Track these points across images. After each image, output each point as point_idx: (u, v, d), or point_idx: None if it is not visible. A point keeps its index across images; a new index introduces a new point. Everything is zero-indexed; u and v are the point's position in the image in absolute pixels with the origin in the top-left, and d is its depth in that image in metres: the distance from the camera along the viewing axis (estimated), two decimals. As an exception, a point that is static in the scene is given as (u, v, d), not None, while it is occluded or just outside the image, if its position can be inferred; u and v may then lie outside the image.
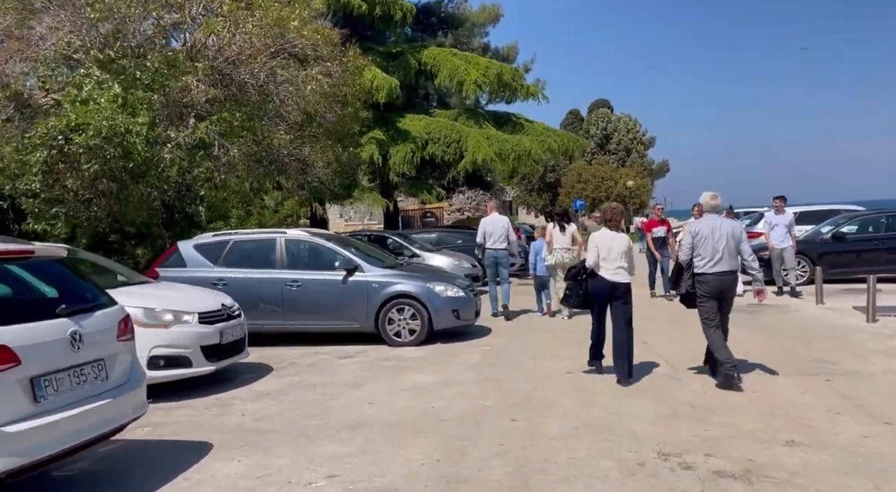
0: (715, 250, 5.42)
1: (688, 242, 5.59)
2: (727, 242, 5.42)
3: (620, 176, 43.82)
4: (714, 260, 5.42)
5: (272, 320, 8.02)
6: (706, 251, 5.43)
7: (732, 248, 5.46)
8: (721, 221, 5.59)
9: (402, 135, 17.26)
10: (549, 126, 18.21)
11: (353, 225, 45.94)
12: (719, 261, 5.42)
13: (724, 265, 5.43)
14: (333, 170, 10.84)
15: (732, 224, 5.64)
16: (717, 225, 5.49)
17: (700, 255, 5.48)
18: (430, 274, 8.62)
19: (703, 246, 5.46)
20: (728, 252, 5.43)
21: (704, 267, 5.46)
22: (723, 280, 5.46)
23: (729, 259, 5.45)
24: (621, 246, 5.74)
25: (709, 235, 5.45)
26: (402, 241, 13.63)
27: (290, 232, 8.39)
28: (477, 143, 16.21)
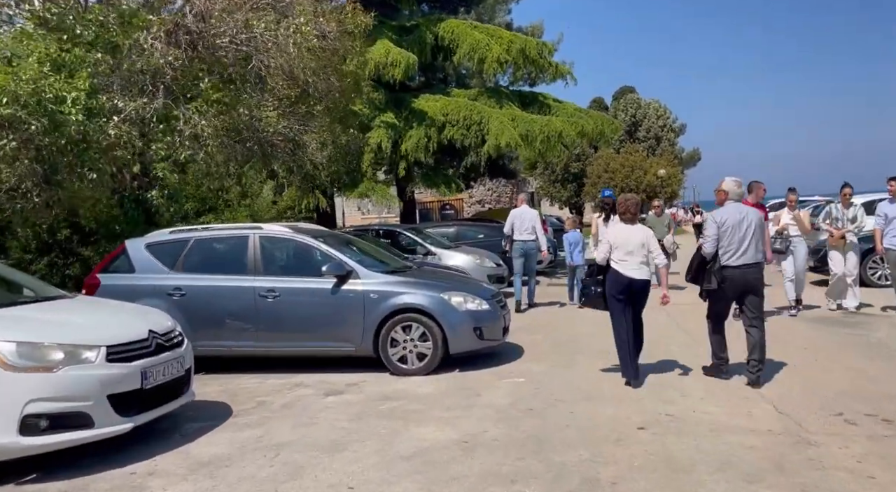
0: (742, 241, 5.12)
1: (713, 233, 5.19)
2: (754, 232, 5.13)
3: (650, 165, 41.48)
4: (739, 252, 5.13)
5: (242, 341, 6.26)
6: (732, 243, 5.13)
7: (759, 239, 5.20)
8: (747, 209, 5.26)
9: (417, 117, 15.37)
10: (581, 107, 16.16)
11: (369, 218, 44.38)
12: (745, 252, 5.12)
13: (748, 257, 5.13)
14: (329, 153, 9.00)
15: (758, 214, 5.32)
16: (745, 214, 5.18)
17: (724, 246, 5.16)
18: (446, 280, 6.76)
19: (728, 237, 5.14)
20: (755, 243, 5.14)
21: (730, 259, 5.14)
22: (748, 273, 5.16)
23: (755, 251, 5.16)
24: (639, 239, 5.35)
25: (735, 225, 5.12)
26: (415, 236, 11.80)
27: (266, 228, 6.60)
28: (500, 124, 14.26)
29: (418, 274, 6.83)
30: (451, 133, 15.15)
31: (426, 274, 6.96)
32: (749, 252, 5.13)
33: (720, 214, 5.26)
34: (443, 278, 6.91)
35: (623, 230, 5.43)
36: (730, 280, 5.15)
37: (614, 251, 5.35)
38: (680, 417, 4.57)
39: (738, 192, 5.35)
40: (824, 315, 8.49)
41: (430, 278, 6.68)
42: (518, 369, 6.24)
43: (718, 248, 5.19)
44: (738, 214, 5.18)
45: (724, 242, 5.16)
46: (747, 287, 5.19)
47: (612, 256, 5.36)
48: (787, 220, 8.26)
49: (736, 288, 5.19)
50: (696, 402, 4.90)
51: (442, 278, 6.90)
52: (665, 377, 5.70)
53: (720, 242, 5.18)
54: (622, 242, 5.35)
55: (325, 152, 8.95)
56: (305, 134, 8.92)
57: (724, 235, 5.15)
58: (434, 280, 6.61)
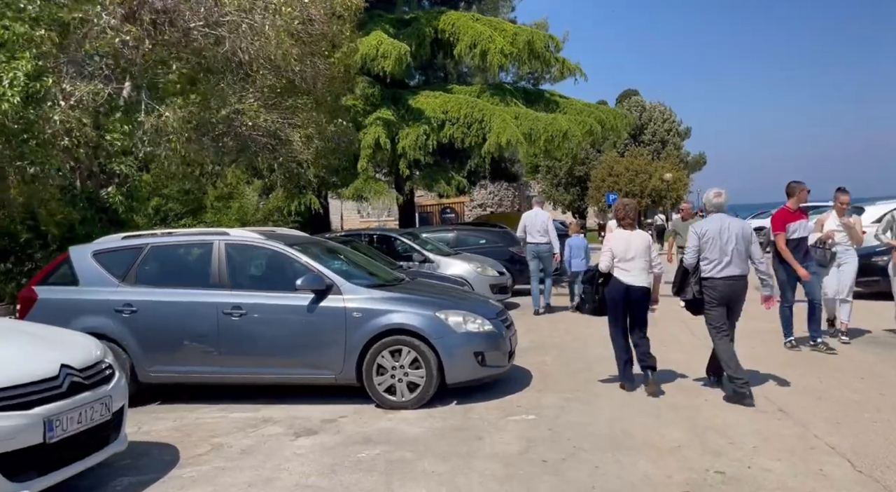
0: (723, 252, 5.03)
1: (693, 244, 5.13)
2: (736, 244, 5.04)
3: (655, 169, 40.56)
4: (723, 263, 5.03)
5: (203, 366, 5.33)
6: (713, 253, 5.05)
7: (742, 250, 5.06)
8: (730, 220, 5.14)
9: (415, 115, 14.50)
10: (590, 102, 15.27)
11: (368, 222, 43.49)
12: (728, 264, 5.03)
13: (733, 269, 5.04)
14: (316, 148, 8.08)
15: (742, 224, 5.18)
16: (726, 225, 5.08)
17: (707, 258, 5.08)
18: (444, 296, 5.83)
19: (710, 248, 5.06)
20: (737, 254, 5.03)
21: (712, 271, 5.06)
22: (732, 285, 5.05)
23: (738, 262, 5.06)
24: (640, 245, 5.30)
25: (716, 235, 5.04)
26: (411, 242, 10.87)
27: (234, 234, 5.66)
28: (502, 122, 13.37)
29: (411, 288, 5.89)
30: (450, 131, 14.28)
31: (420, 288, 6.02)
32: (733, 264, 5.03)
33: (701, 225, 5.19)
34: (440, 293, 5.98)
35: (623, 237, 5.34)
36: (713, 291, 5.06)
37: (615, 259, 5.29)
38: (733, 475, 3.63)
39: (716, 202, 5.21)
40: (875, 338, 7.52)
41: (424, 293, 5.75)
42: (527, 401, 5.30)
43: (700, 259, 5.11)
44: (719, 225, 5.06)
45: (706, 254, 5.07)
46: (732, 299, 5.10)
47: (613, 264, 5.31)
48: (834, 226, 6.91)
49: (722, 299, 5.07)
50: (748, 452, 3.97)
51: (438, 293, 5.97)
52: (699, 408, 4.80)
53: (702, 253, 5.09)
54: (622, 249, 5.28)
55: (311, 148, 8.01)
56: (289, 128, 7.97)
57: (706, 247, 5.07)
58: (429, 295, 5.68)
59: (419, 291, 5.77)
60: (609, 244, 5.40)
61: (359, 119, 14.37)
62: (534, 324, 9.11)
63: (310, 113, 8.22)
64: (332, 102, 9.06)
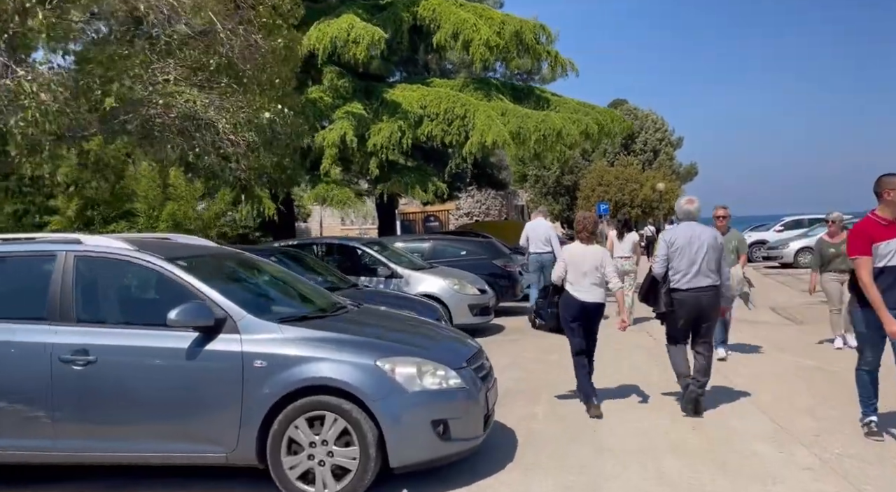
0: (692, 262, 4.82)
1: (662, 253, 4.95)
2: (706, 254, 4.82)
3: (647, 178, 39.32)
4: (691, 273, 4.82)
5: (29, 439, 3.59)
6: (682, 264, 4.84)
7: (713, 260, 4.85)
8: (700, 229, 4.95)
9: (389, 109, 12.86)
10: (585, 102, 13.75)
11: (349, 230, 41.76)
12: (696, 274, 4.82)
13: (701, 279, 4.82)
14: (250, 138, 6.38)
15: (713, 233, 5.00)
16: (696, 234, 4.88)
17: (674, 267, 4.87)
18: (395, 332, 4.15)
19: (678, 258, 4.85)
20: (707, 265, 4.82)
21: (679, 282, 4.85)
22: (699, 297, 4.83)
23: (708, 273, 4.84)
24: (593, 260, 5.06)
25: (685, 244, 4.85)
26: (377, 253, 9.18)
27: (90, 242, 3.92)
28: (487, 119, 11.77)
29: (350, 321, 4.17)
30: (429, 129, 12.64)
31: (364, 321, 4.29)
32: (702, 274, 4.83)
33: (670, 234, 5.04)
34: (391, 328, 4.29)
35: (578, 250, 5.15)
36: (680, 303, 4.86)
37: (568, 272, 5.10)
38: None
39: (686, 210, 5.05)
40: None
41: (366, 330, 4.05)
42: (509, 489, 3.63)
43: (669, 269, 4.92)
44: (688, 234, 4.89)
45: (674, 263, 4.89)
46: (700, 311, 4.87)
47: (566, 277, 5.12)
48: None
49: (689, 311, 4.87)
50: None
51: (389, 328, 4.28)
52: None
53: (671, 262, 4.91)
54: (577, 262, 5.08)
55: (246, 135, 6.31)
56: (213, 111, 6.28)
57: (674, 256, 4.89)
58: (372, 334, 3.98)
59: (359, 327, 4.07)
60: (563, 256, 5.20)
61: (325, 113, 12.72)
62: (521, 353, 7.47)
63: (241, 96, 6.52)
64: (276, 87, 7.34)
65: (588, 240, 5.15)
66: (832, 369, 6.31)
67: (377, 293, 6.49)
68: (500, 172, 34.74)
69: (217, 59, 6.40)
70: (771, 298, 12.46)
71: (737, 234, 7.00)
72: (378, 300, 5.96)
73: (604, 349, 5.75)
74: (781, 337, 8.20)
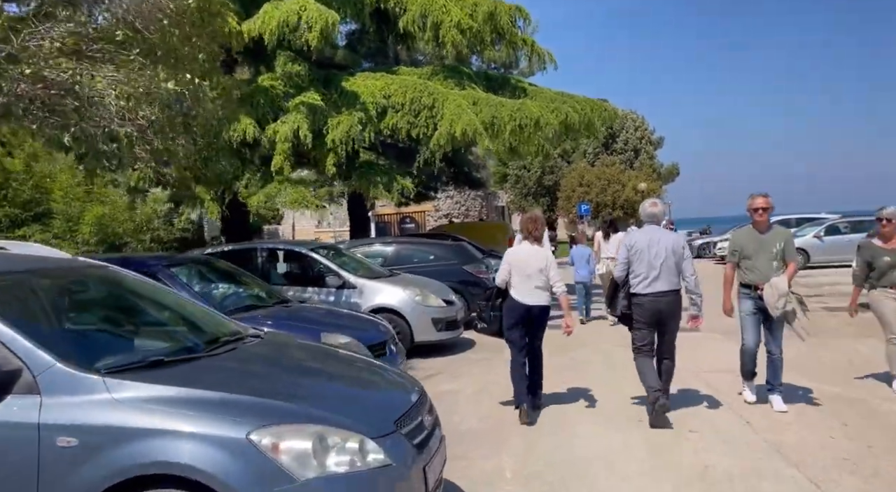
0: (651, 267, 4.73)
1: (623, 257, 4.87)
2: (665, 258, 4.73)
3: (629, 179, 38.55)
4: (650, 278, 4.74)
5: None
6: (641, 267, 4.76)
7: (672, 264, 4.76)
8: (661, 233, 4.90)
9: (348, 99, 11.61)
10: (564, 92, 12.64)
11: (322, 233, 40.33)
12: (656, 279, 4.73)
13: (661, 284, 4.73)
14: (149, 115, 5.09)
15: (673, 237, 4.91)
16: (656, 238, 4.81)
17: (634, 272, 4.79)
18: (296, 376, 2.92)
19: (638, 262, 4.77)
20: (667, 269, 4.74)
21: (639, 286, 4.77)
22: (659, 302, 4.74)
23: (668, 277, 4.75)
24: (538, 262, 4.95)
25: (645, 248, 4.75)
26: (327, 260, 7.92)
27: None
28: (457, 108, 10.59)
29: (234, 365, 2.92)
30: (393, 121, 11.41)
31: (256, 362, 3.03)
32: (661, 279, 4.73)
33: (630, 238, 4.95)
34: (295, 371, 3.06)
35: (523, 252, 5.04)
36: (640, 308, 4.77)
37: (512, 275, 4.95)
38: None
39: (650, 212, 4.94)
40: None
41: (250, 379, 2.79)
42: None
43: (629, 273, 4.82)
44: (648, 238, 4.78)
45: (634, 267, 4.79)
46: (660, 317, 4.77)
47: (510, 280, 4.97)
48: None
49: (650, 317, 4.77)
50: None
51: (293, 370, 3.05)
52: None
53: (631, 266, 4.81)
54: (520, 265, 4.95)
55: (139, 112, 5.03)
56: (102, 81, 5.01)
57: (634, 260, 4.79)
58: (255, 386, 2.72)
59: (242, 374, 2.82)
60: (507, 258, 5.08)
61: (278, 102, 11.42)
62: (492, 377, 6.29)
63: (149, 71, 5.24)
64: (200, 62, 6.05)
65: (537, 241, 5.06)
66: (874, 404, 5.21)
67: (306, 311, 5.23)
68: (478, 171, 33.62)
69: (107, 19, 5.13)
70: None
71: (783, 233, 5.14)
72: (303, 320, 4.75)
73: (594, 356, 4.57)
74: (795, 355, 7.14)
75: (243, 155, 11.32)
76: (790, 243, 5.00)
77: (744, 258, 5.03)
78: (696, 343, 7.89)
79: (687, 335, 8.67)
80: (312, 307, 5.52)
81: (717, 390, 5.66)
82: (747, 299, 5.02)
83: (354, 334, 4.80)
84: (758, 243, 4.97)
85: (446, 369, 7.00)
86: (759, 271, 4.91)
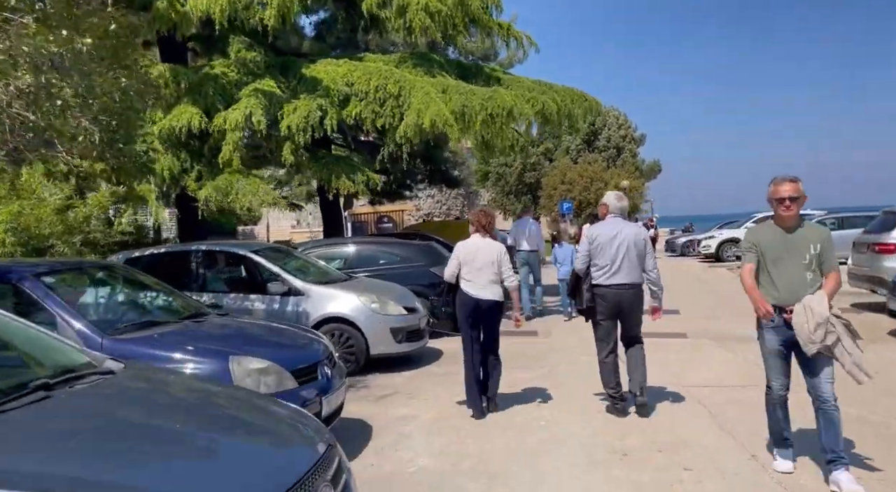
0: (613, 259, 4.73)
1: (585, 249, 4.89)
2: (628, 251, 4.74)
3: (611, 176, 37.94)
4: (612, 270, 4.74)
5: None
6: (603, 259, 4.77)
7: (633, 257, 4.75)
8: (623, 225, 4.87)
9: (308, 86, 10.67)
10: (543, 80, 11.80)
11: (299, 233, 39.19)
12: (617, 271, 4.73)
13: (622, 277, 4.73)
14: (18, 83, 4.12)
15: (635, 230, 4.88)
16: (619, 230, 4.80)
17: (597, 264, 4.80)
18: (118, 442, 2.01)
19: (600, 254, 4.78)
20: (628, 262, 4.74)
21: (601, 278, 4.77)
22: (620, 294, 4.73)
23: (629, 270, 4.74)
24: (488, 256, 4.90)
25: (607, 241, 4.77)
26: (271, 263, 6.98)
27: None
28: (425, 97, 9.70)
29: (29, 420, 2.01)
30: (357, 110, 10.49)
31: (58, 422, 2.06)
32: (623, 271, 4.73)
33: (593, 230, 4.92)
34: (113, 435, 2.13)
35: (472, 245, 4.96)
36: (601, 299, 4.77)
37: (462, 268, 4.90)
38: None
39: (618, 206, 4.96)
40: None
41: (38, 448, 1.88)
42: None
43: (591, 265, 4.82)
44: (612, 230, 4.80)
45: (596, 260, 4.80)
46: (621, 308, 4.77)
47: (460, 274, 4.91)
48: None
49: (610, 309, 4.77)
50: None
51: (111, 434, 2.12)
52: None
53: (593, 258, 4.81)
54: (470, 258, 4.89)
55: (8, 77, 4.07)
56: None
57: (596, 252, 4.80)
58: (32, 469, 1.82)
59: (29, 441, 1.91)
60: (457, 252, 4.96)
61: (230, 91, 10.44)
62: (457, 393, 5.41)
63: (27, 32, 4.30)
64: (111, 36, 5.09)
65: (488, 235, 5.00)
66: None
67: (223, 327, 4.29)
68: (457, 169, 32.76)
69: None
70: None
71: (818, 232, 3.64)
72: (211, 339, 3.84)
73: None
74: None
75: (192, 147, 10.34)
76: (829, 247, 3.56)
77: (764, 266, 3.61)
78: (685, 352, 7.15)
79: (673, 342, 7.98)
80: (236, 322, 4.60)
81: (712, 413, 4.86)
82: (769, 329, 3.60)
83: (277, 356, 3.90)
84: (783, 245, 3.55)
85: (405, 387, 6.12)
86: (785, 286, 3.52)
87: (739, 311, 10.34)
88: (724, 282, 15.43)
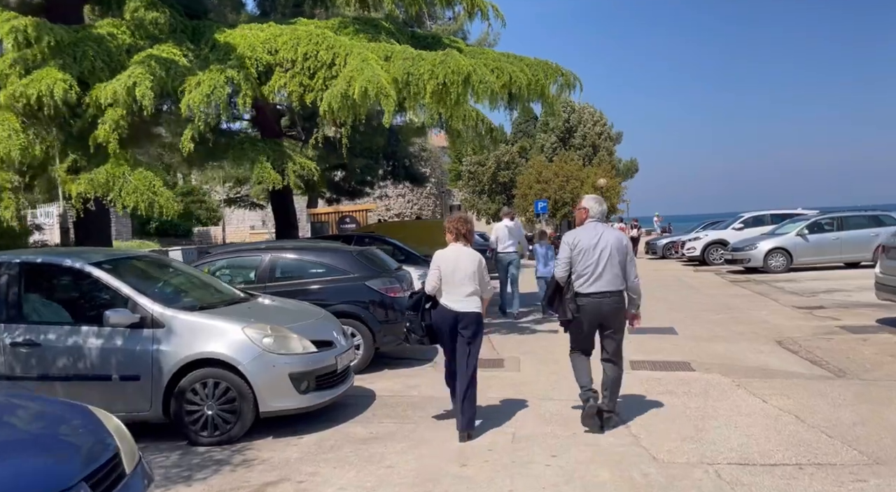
0: (596, 265, 4.53)
1: (565, 255, 4.64)
2: (611, 257, 4.54)
3: (587, 175, 36.35)
4: (593, 277, 4.53)
5: None
6: (585, 267, 4.55)
7: (616, 263, 4.56)
8: (604, 229, 4.68)
9: (221, 55, 8.55)
10: (511, 53, 9.86)
11: (259, 234, 36.70)
12: (598, 278, 4.53)
13: (603, 284, 4.54)
14: None
15: (617, 235, 4.71)
16: (601, 235, 4.60)
17: (577, 271, 4.59)
18: None
19: (581, 260, 4.56)
20: (611, 268, 4.55)
21: (581, 286, 4.57)
22: (601, 303, 4.54)
23: (612, 277, 4.56)
24: (469, 266, 4.62)
25: (589, 247, 4.56)
26: (116, 280, 4.83)
27: None
28: (362, 63, 7.68)
29: None
30: (281, 82, 8.38)
31: None
32: (604, 278, 4.53)
33: (573, 235, 4.69)
34: None
35: (451, 253, 4.69)
36: (582, 309, 4.55)
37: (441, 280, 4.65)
38: None
39: (599, 210, 4.75)
40: None
41: None
42: None
43: (572, 273, 4.59)
44: (593, 236, 4.59)
45: (578, 267, 4.57)
46: (602, 318, 4.57)
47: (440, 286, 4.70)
48: None
49: (591, 318, 4.57)
50: None
51: None
52: None
53: (573, 265, 4.58)
54: (450, 269, 4.62)
55: None
56: None
57: (577, 259, 4.57)
58: None
59: None
60: (436, 263, 4.67)
61: (118, 57, 8.26)
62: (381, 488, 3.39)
63: None
64: None
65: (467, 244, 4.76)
66: None
67: None
68: (426, 166, 30.74)
69: None
70: (768, 323, 8.95)
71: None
72: None
73: None
74: (836, 412, 4.48)
75: (67, 128, 8.13)
76: None
77: None
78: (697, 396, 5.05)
79: (680, 379, 6.08)
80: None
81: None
82: None
83: (7, 471, 1.84)
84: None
85: (299, 469, 4.08)
86: None
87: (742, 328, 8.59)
88: (716, 288, 13.73)
